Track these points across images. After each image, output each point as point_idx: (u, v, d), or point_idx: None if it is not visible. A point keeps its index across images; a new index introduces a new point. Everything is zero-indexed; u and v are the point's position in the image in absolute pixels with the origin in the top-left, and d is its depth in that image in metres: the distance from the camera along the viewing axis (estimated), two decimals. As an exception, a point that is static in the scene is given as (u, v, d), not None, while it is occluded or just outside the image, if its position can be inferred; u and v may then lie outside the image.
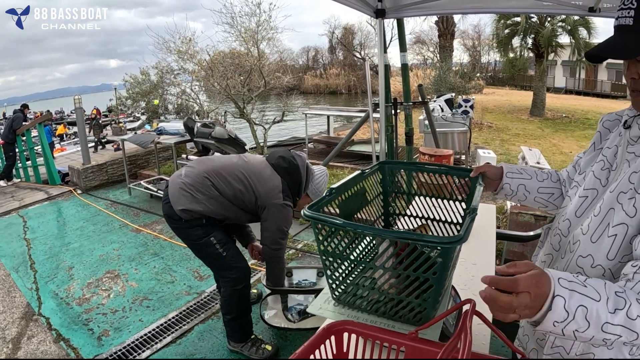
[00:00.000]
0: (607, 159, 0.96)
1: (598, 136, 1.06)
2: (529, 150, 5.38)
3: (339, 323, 0.88)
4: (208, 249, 2.26)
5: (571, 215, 1.00)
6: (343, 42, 35.20)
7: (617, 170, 0.92)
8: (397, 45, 4.11)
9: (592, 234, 0.88)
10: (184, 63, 7.31)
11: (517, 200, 1.22)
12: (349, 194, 1.17)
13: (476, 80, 20.24)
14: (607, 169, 0.95)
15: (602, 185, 0.94)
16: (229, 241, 2.34)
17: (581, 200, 0.98)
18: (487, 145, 9.43)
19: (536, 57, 15.82)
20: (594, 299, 0.68)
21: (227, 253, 2.28)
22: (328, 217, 0.92)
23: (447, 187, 1.30)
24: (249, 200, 2.25)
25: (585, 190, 0.98)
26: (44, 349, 2.70)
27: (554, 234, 1.06)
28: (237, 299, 2.35)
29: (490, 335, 1.25)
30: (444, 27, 19.43)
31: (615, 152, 0.95)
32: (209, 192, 2.22)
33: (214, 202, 2.22)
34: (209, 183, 2.23)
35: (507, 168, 1.20)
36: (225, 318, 2.43)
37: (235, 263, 2.31)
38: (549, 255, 1.06)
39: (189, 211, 2.18)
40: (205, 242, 2.24)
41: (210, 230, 2.24)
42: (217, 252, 2.26)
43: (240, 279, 2.32)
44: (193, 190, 2.20)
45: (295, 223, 4.70)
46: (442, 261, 0.83)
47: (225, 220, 2.35)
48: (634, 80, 0.87)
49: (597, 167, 0.98)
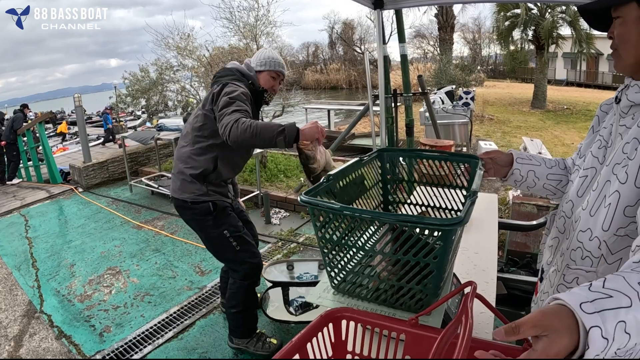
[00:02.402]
0: (604, 137, 0.96)
1: (596, 120, 1.06)
2: (531, 141, 5.34)
3: (337, 310, 0.86)
4: (222, 242, 2.19)
5: (573, 195, 0.99)
6: (343, 37, 35.07)
7: (612, 146, 0.92)
8: (397, 39, 4.08)
9: (591, 208, 0.88)
10: (183, 59, 7.26)
11: (526, 186, 1.20)
12: (347, 181, 1.15)
13: (477, 73, 20.13)
14: (603, 147, 0.95)
15: (600, 163, 0.94)
16: (241, 229, 2.24)
17: (581, 180, 0.98)
18: (489, 137, 9.38)
19: (537, 49, 15.71)
20: (626, 306, 0.56)
21: (241, 247, 2.21)
22: (325, 202, 0.90)
23: (447, 177, 1.28)
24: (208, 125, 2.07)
25: (585, 170, 0.98)
26: (46, 346, 2.69)
27: (558, 217, 1.05)
28: (244, 292, 2.29)
29: (493, 323, 1.23)
30: (444, 19, 19.29)
31: (610, 130, 0.95)
32: (191, 156, 2.11)
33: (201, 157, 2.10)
34: (184, 150, 2.15)
35: (517, 154, 1.19)
36: (230, 312, 2.37)
37: (248, 258, 2.23)
38: (555, 239, 1.05)
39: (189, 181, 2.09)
40: (219, 236, 2.18)
41: (222, 221, 2.17)
42: (231, 245, 2.19)
43: (251, 274, 2.26)
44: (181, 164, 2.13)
45: (297, 217, 4.70)
46: (442, 245, 0.81)
47: (227, 178, 2.21)
48: (611, 39, 0.87)
49: (595, 146, 0.98)
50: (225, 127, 1.79)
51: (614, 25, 0.86)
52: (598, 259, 0.85)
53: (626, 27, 0.83)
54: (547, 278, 1.03)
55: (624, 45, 0.84)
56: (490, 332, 1.19)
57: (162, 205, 5.44)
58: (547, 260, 1.07)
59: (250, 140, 1.74)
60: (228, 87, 1.99)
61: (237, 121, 1.77)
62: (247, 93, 2.02)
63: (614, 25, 0.86)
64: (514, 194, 3.80)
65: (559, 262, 0.98)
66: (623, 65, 0.87)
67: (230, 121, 1.78)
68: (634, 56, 0.84)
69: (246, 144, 1.81)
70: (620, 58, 0.87)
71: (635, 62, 0.85)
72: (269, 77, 2.18)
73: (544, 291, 1.04)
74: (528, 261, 2.80)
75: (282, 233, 4.24)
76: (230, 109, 1.86)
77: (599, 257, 0.84)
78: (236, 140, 1.76)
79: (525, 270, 2.74)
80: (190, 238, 4.20)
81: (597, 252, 0.84)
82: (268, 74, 2.18)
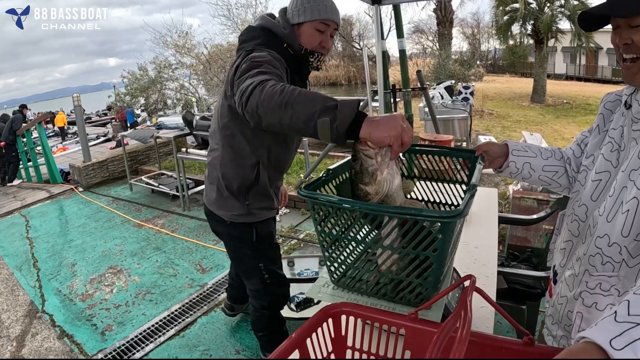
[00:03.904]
0: (615, 140, 0.95)
1: (601, 118, 1.04)
2: (530, 135, 5.33)
3: (336, 305, 0.85)
4: (254, 271, 1.87)
5: (587, 199, 0.98)
6: (341, 33, 34.98)
7: (625, 150, 0.91)
8: (395, 35, 4.06)
9: (607, 214, 0.87)
10: (182, 57, 7.26)
11: (521, 178, 1.19)
12: (346, 175, 1.15)
13: (476, 68, 20.09)
14: (616, 150, 0.94)
15: (614, 167, 0.93)
16: (278, 261, 1.93)
17: (595, 184, 0.97)
18: (489, 132, 9.38)
19: (536, 44, 15.66)
20: None
21: (271, 280, 1.88)
22: (324, 195, 0.90)
23: (447, 172, 1.27)
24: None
25: (598, 173, 0.97)
26: (48, 345, 2.70)
27: (570, 220, 1.04)
28: (268, 318, 2.01)
29: (494, 318, 1.23)
30: (442, 14, 19.19)
31: (621, 132, 0.94)
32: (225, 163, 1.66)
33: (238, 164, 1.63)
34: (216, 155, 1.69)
35: (512, 145, 1.18)
36: (257, 334, 2.13)
37: (275, 290, 1.93)
38: (569, 242, 1.04)
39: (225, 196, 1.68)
40: (253, 266, 1.85)
41: (262, 253, 1.83)
42: (262, 277, 1.86)
43: (274, 304, 2.00)
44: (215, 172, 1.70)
45: (297, 213, 4.69)
46: (442, 237, 0.80)
47: (273, 184, 1.76)
48: (627, 45, 0.84)
49: (606, 149, 0.96)
50: (243, 92, 1.11)
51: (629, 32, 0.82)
52: (619, 263, 0.84)
53: None
54: (564, 281, 1.02)
55: None
56: (491, 327, 1.19)
57: (163, 203, 5.44)
58: (560, 262, 1.06)
59: (277, 113, 1.01)
60: (253, 53, 1.39)
61: (262, 83, 1.09)
62: (280, 59, 1.41)
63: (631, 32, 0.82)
64: (514, 188, 3.79)
65: (576, 267, 0.97)
66: None
67: (252, 83, 1.11)
68: None
69: (271, 121, 1.04)
70: None
71: None
72: (313, 30, 1.52)
73: (561, 294, 1.03)
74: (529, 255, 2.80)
75: (283, 230, 4.24)
76: (253, 71, 1.22)
77: (620, 262, 0.84)
78: (254, 110, 1.06)
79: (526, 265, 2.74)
80: (191, 236, 4.20)
81: (618, 257, 0.84)
82: (311, 25, 1.51)
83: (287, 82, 1.30)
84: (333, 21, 1.53)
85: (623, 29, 0.84)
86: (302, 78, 1.61)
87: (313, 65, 1.58)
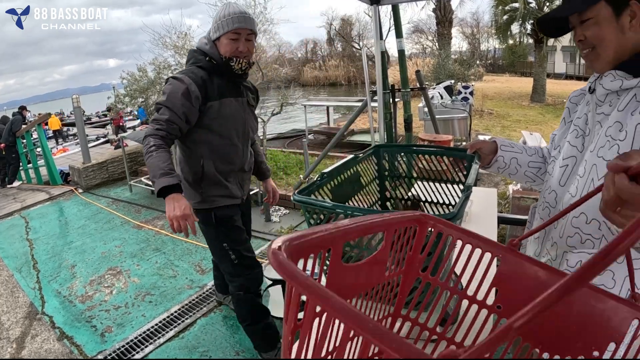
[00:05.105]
0: (580, 127, 0.99)
1: (567, 111, 1.09)
2: (530, 135, 5.33)
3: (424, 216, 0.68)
4: (221, 252, 2.05)
5: (555, 186, 1.01)
6: (341, 34, 35.01)
7: (590, 134, 0.94)
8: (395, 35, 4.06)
9: (580, 193, 0.89)
10: (181, 58, 7.24)
11: (508, 173, 1.23)
12: (342, 178, 1.15)
13: (476, 68, 20.08)
14: (581, 136, 0.98)
15: (580, 152, 0.96)
16: (242, 243, 2.08)
17: (562, 169, 1.00)
18: (488, 131, 9.37)
19: (536, 43, 15.67)
20: None
21: (239, 261, 2.04)
22: (317, 201, 0.89)
23: (445, 172, 1.28)
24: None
25: (564, 159, 1.00)
26: (48, 347, 2.70)
27: (542, 208, 1.07)
28: (247, 304, 2.13)
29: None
30: (442, 14, 19.21)
31: (585, 120, 0.98)
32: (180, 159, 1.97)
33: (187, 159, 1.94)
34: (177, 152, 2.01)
35: (500, 141, 1.22)
36: (243, 326, 2.22)
37: (245, 271, 2.08)
38: (542, 231, 1.05)
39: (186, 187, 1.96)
40: (218, 247, 2.05)
41: (224, 233, 2.02)
42: (229, 257, 2.04)
43: (247, 286, 2.10)
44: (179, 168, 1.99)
45: (297, 214, 4.70)
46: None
47: (225, 175, 1.98)
48: (581, 42, 0.91)
49: (571, 136, 1.00)
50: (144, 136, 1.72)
51: (581, 29, 0.89)
52: (599, 239, 0.86)
53: (600, 27, 0.86)
54: None
55: (602, 44, 0.87)
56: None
57: (162, 204, 5.39)
58: (535, 252, 1.08)
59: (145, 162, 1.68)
60: (166, 85, 1.79)
61: (145, 138, 1.68)
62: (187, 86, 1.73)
63: (582, 29, 0.89)
64: (513, 188, 3.79)
65: (552, 253, 0.98)
66: (603, 63, 0.90)
67: (146, 135, 1.70)
68: (613, 52, 0.87)
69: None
70: (599, 57, 0.89)
71: (614, 58, 0.87)
72: (227, 40, 1.77)
73: None
74: (528, 255, 2.81)
75: (282, 231, 4.24)
76: (152, 118, 1.72)
77: (600, 238, 0.86)
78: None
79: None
80: (191, 237, 4.19)
81: (598, 233, 0.86)
82: (225, 37, 1.77)
83: (209, 87, 1.78)
84: (243, 28, 1.77)
85: (577, 27, 0.90)
86: (233, 83, 1.90)
87: (235, 68, 1.82)
